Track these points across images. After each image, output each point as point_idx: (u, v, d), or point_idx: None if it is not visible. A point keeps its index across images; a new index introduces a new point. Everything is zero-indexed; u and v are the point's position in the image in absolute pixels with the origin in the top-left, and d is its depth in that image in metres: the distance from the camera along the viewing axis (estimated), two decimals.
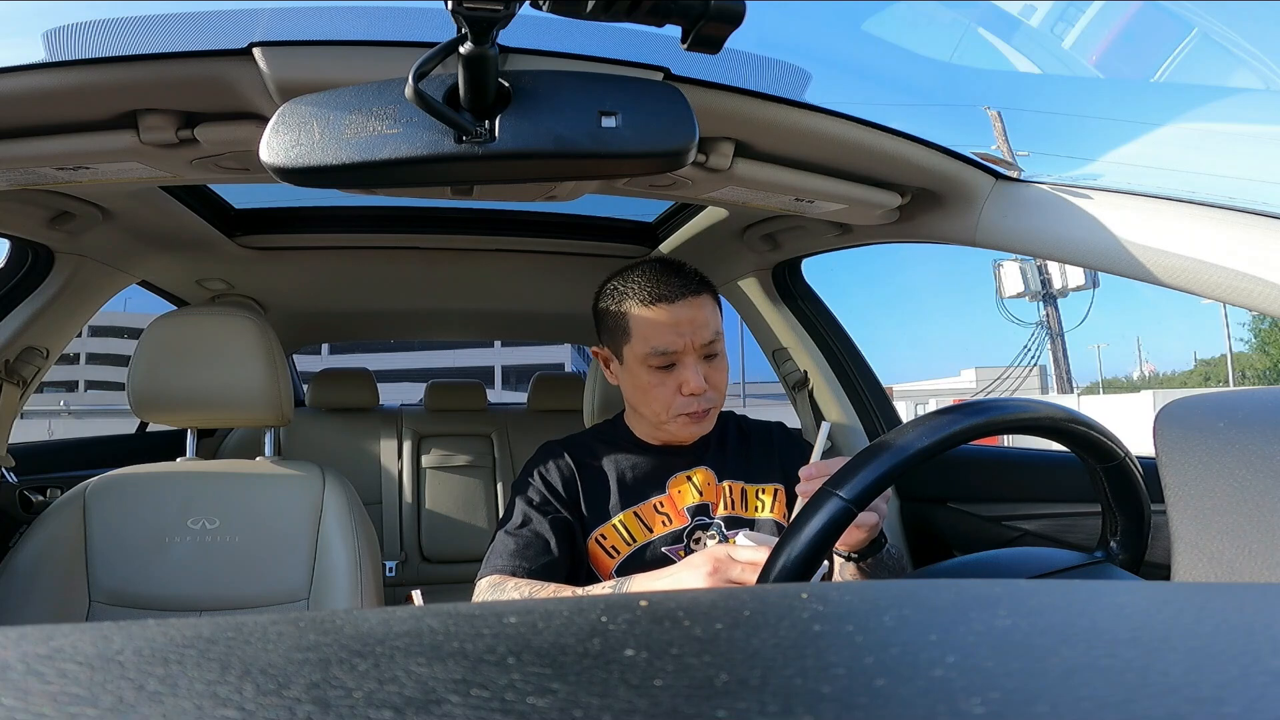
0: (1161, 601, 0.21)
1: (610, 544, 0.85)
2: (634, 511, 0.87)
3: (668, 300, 0.83)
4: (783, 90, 0.72)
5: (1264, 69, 1.91)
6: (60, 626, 0.17)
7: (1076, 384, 19.96)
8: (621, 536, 0.85)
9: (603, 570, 0.84)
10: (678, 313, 0.83)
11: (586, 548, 0.85)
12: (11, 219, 0.96)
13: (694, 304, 0.83)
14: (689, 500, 0.88)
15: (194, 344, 1.02)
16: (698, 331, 0.83)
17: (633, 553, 0.85)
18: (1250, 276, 0.61)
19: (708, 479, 0.90)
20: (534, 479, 0.89)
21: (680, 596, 0.21)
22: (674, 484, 0.89)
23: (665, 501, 0.88)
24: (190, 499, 1.02)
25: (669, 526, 0.86)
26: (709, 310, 0.85)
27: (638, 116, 0.48)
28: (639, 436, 0.93)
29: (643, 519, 0.87)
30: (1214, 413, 0.34)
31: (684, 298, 0.83)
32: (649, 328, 0.84)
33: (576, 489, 0.88)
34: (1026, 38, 5.91)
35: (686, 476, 0.90)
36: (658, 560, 0.84)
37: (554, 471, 0.89)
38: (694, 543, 0.86)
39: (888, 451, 0.51)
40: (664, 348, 0.83)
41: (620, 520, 0.86)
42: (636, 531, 0.86)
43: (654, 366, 0.84)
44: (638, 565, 0.84)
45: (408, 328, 2.30)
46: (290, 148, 0.47)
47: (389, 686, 0.14)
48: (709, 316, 0.85)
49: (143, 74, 0.63)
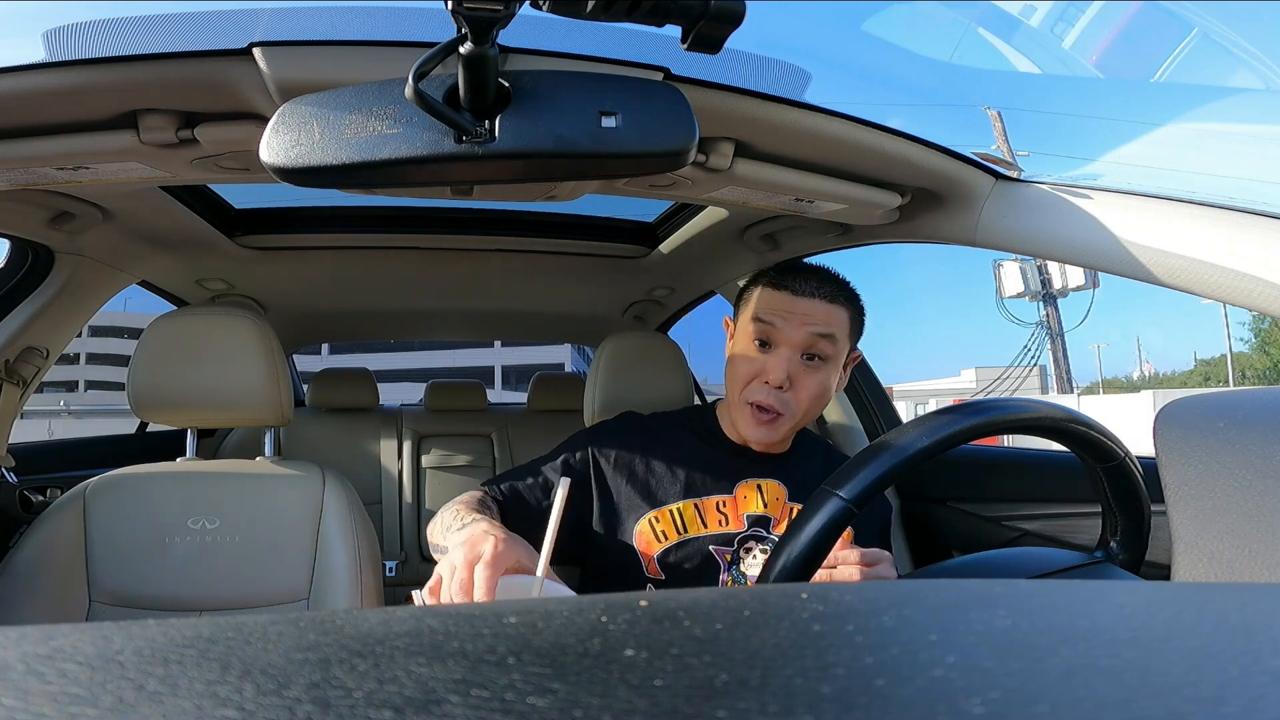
0: (1161, 601, 0.21)
1: (661, 528, 0.84)
2: (695, 503, 0.86)
3: (793, 291, 0.84)
4: (783, 90, 0.72)
5: (1264, 69, 1.91)
6: (60, 626, 0.17)
7: (1076, 384, 19.96)
8: (674, 524, 0.85)
9: (646, 553, 0.84)
10: (796, 302, 0.83)
11: (636, 527, 0.85)
12: (11, 219, 0.96)
13: (818, 303, 0.83)
14: (752, 508, 0.87)
15: (194, 344, 1.02)
16: (806, 322, 0.82)
17: (679, 543, 0.84)
18: (1250, 276, 0.61)
19: (777, 494, 0.88)
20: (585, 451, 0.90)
21: (680, 596, 0.21)
22: (742, 488, 0.88)
23: (728, 502, 0.87)
24: (190, 499, 1.02)
25: (724, 528, 0.85)
26: (832, 316, 0.83)
27: (638, 116, 0.48)
28: (723, 430, 0.92)
29: (701, 513, 0.85)
30: (1214, 413, 0.34)
31: (810, 295, 0.83)
32: (765, 300, 0.85)
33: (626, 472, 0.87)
34: (1027, 38, 5.92)
35: (756, 485, 0.88)
36: (703, 555, 0.83)
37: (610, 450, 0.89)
38: (744, 550, 0.85)
39: (888, 451, 0.51)
40: (769, 318, 0.83)
41: (678, 507, 0.85)
42: (691, 523, 0.85)
43: (753, 337, 0.85)
44: (682, 556, 0.83)
45: (408, 328, 2.30)
46: (290, 148, 0.47)
47: (389, 686, 0.14)
48: (827, 318, 0.83)
49: (143, 74, 0.63)
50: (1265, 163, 1.12)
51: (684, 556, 0.83)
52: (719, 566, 0.84)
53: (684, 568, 0.83)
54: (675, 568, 0.83)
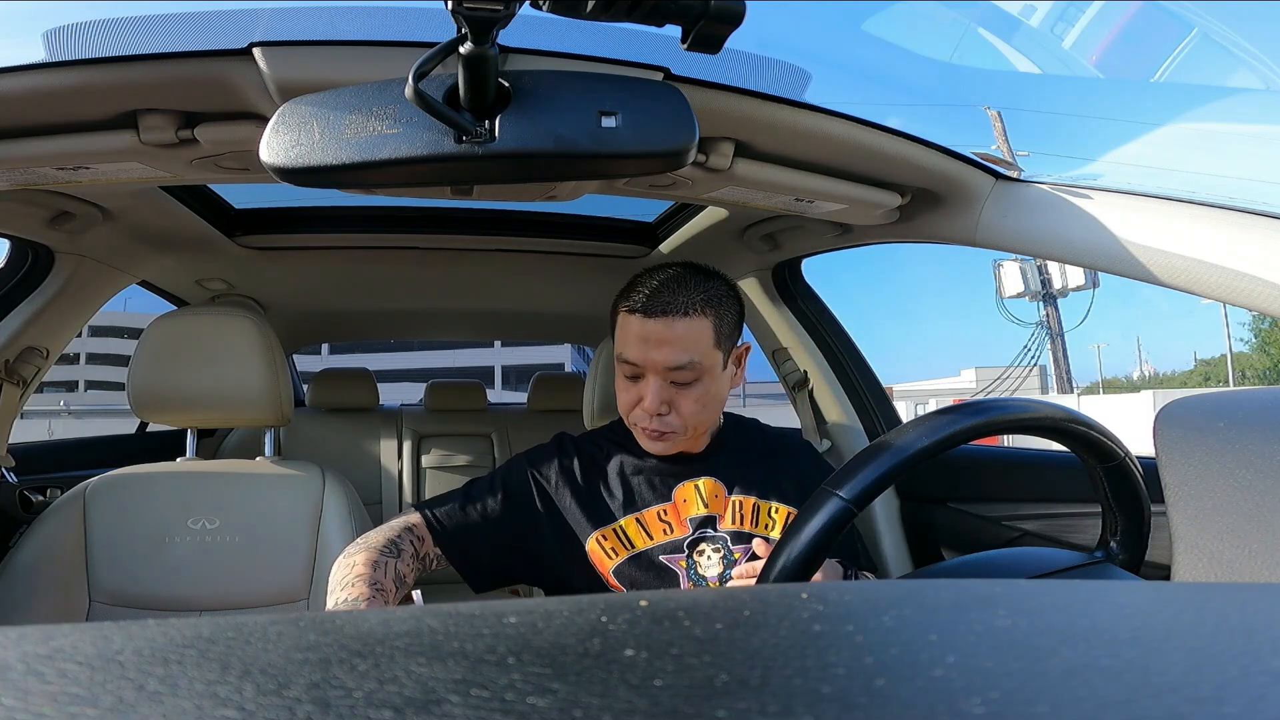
0: (1161, 601, 0.21)
1: (610, 546, 0.85)
2: (636, 518, 0.86)
3: (645, 313, 0.80)
4: (783, 90, 0.72)
5: (1264, 69, 1.91)
6: (60, 626, 0.17)
7: (1076, 384, 19.96)
8: (620, 540, 0.85)
9: (602, 570, 0.84)
10: (649, 328, 0.79)
11: (586, 547, 0.85)
12: (11, 219, 0.96)
13: (671, 324, 0.79)
14: (693, 511, 0.87)
15: (194, 344, 1.02)
16: (663, 353, 0.79)
17: (630, 558, 0.84)
18: (1250, 276, 0.61)
19: (715, 491, 0.88)
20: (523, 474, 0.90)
21: (680, 596, 0.21)
22: (680, 492, 0.88)
23: (669, 510, 0.87)
24: (190, 499, 1.02)
25: (670, 535, 0.85)
26: (690, 335, 0.79)
27: (638, 116, 0.48)
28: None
29: (645, 526, 0.86)
30: (1214, 413, 0.34)
31: (663, 315, 0.79)
32: (621, 332, 0.84)
33: (568, 494, 0.88)
34: (1027, 38, 5.91)
35: (694, 486, 0.88)
36: (656, 568, 0.84)
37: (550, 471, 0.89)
38: (696, 553, 0.84)
39: (888, 451, 0.51)
40: (627, 356, 0.82)
41: (621, 524, 0.86)
42: (636, 538, 0.85)
43: (623, 373, 0.84)
44: (636, 570, 0.83)
45: (408, 328, 2.30)
46: (290, 148, 0.47)
47: (389, 686, 0.14)
48: (684, 340, 0.79)
49: (143, 74, 0.63)
50: (1265, 163, 1.12)
51: (637, 570, 0.83)
52: (676, 575, 0.84)
53: (640, 582, 0.83)
54: (633, 582, 0.83)
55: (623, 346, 0.83)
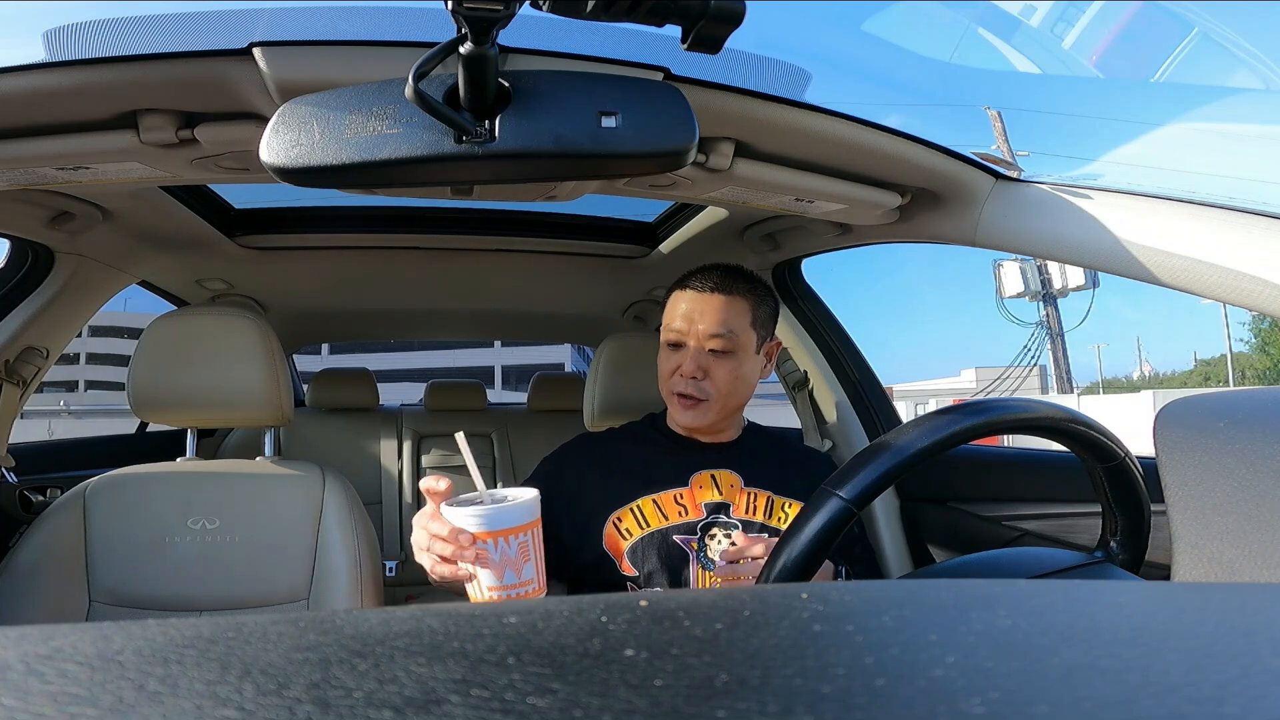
0: (1161, 601, 0.21)
1: (625, 526, 0.89)
2: (653, 499, 0.91)
3: (692, 289, 0.92)
4: (783, 90, 0.72)
5: (1264, 69, 1.91)
6: (60, 626, 0.17)
7: (1076, 384, 19.96)
8: (636, 520, 0.90)
9: (616, 552, 0.88)
10: (695, 301, 0.91)
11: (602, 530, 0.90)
12: (11, 219, 0.96)
13: (712, 299, 0.91)
14: (709, 497, 0.92)
15: (194, 344, 1.02)
16: (705, 322, 0.90)
17: (645, 536, 0.88)
18: (1250, 276, 0.61)
19: (731, 481, 0.94)
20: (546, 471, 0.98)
21: (680, 596, 0.21)
22: (697, 479, 0.93)
23: (685, 494, 0.92)
24: (190, 499, 1.02)
25: (684, 517, 0.90)
26: (727, 310, 0.90)
27: (638, 116, 0.48)
28: (672, 429, 0.98)
29: (660, 507, 0.91)
30: (1214, 413, 0.34)
31: (707, 291, 0.91)
32: (671, 308, 0.95)
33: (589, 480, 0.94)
34: (1026, 38, 5.91)
35: (710, 476, 0.93)
36: (670, 547, 0.88)
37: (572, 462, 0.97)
38: (708, 537, 0.89)
39: (888, 451, 0.51)
40: (673, 326, 0.92)
41: (638, 505, 0.90)
42: (652, 517, 0.90)
43: (667, 343, 0.94)
44: (649, 547, 0.87)
45: (408, 328, 2.30)
46: (290, 148, 0.47)
47: (389, 686, 0.14)
48: (725, 313, 0.90)
49: (143, 74, 0.63)
50: (1265, 163, 1.12)
51: (651, 549, 0.88)
52: (687, 555, 0.88)
53: (653, 560, 0.87)
54: (645, 561, 0.87)
55: (670, 318, 0.94)
